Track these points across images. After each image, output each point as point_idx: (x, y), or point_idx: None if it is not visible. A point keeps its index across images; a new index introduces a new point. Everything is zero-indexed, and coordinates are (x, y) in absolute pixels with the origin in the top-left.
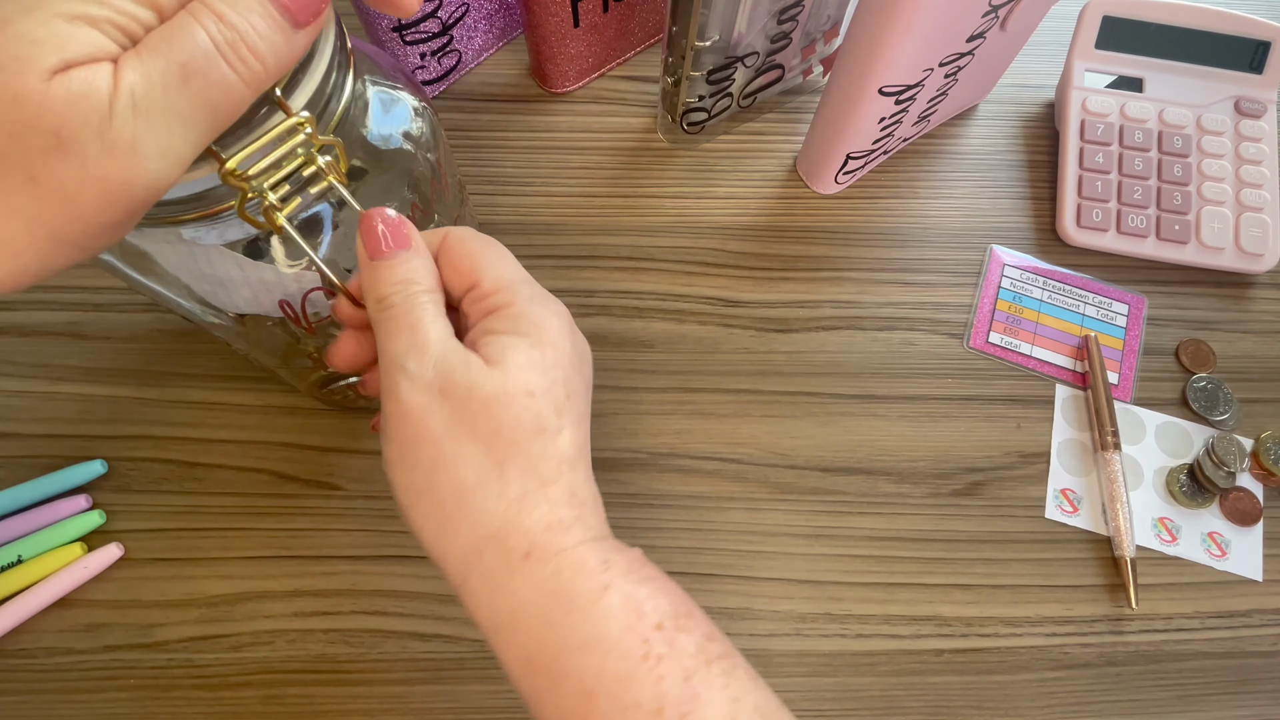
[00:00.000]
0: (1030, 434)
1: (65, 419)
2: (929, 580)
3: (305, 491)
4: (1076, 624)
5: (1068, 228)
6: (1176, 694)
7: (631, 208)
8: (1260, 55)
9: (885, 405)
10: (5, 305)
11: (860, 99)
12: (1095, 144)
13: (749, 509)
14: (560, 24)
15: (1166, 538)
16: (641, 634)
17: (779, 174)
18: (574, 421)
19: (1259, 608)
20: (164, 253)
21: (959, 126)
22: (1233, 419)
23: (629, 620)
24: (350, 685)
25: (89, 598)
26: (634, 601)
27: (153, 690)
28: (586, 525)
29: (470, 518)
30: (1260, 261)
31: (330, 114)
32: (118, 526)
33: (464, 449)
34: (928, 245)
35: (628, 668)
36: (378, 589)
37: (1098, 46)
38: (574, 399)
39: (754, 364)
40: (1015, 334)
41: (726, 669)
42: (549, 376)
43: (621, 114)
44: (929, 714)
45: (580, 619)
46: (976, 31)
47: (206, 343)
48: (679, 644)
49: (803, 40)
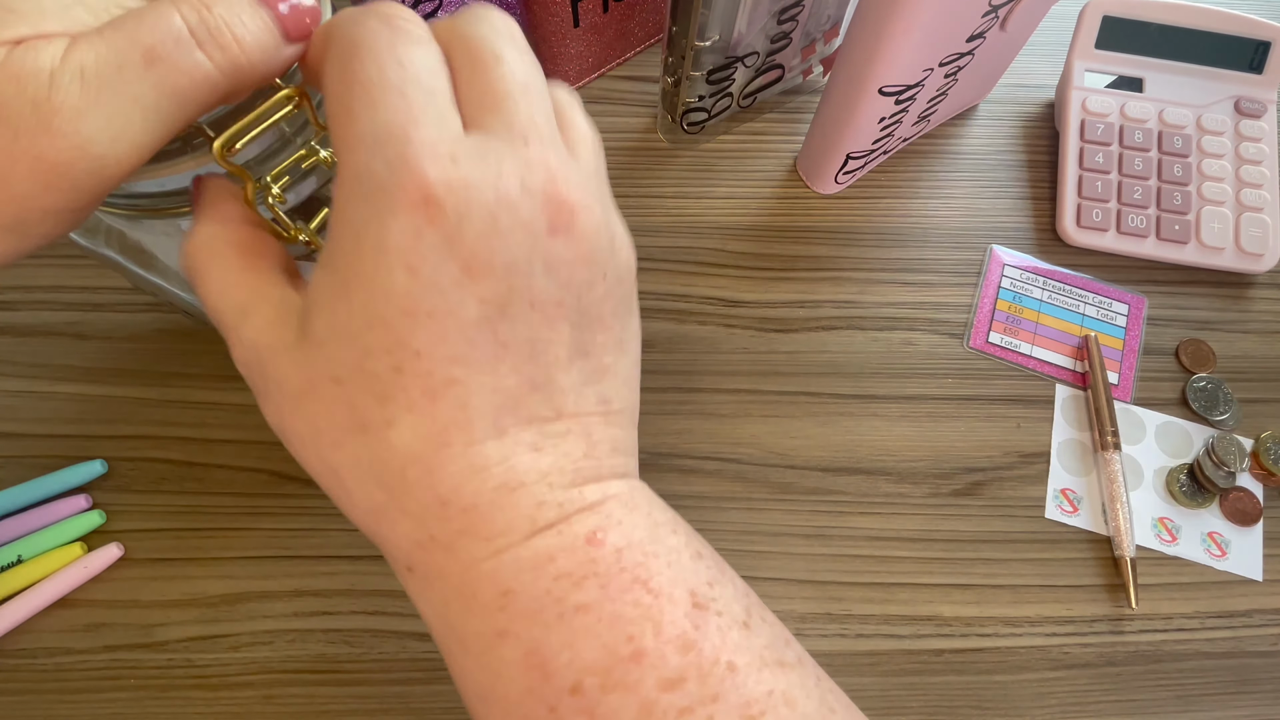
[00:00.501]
0: (1030, 434)
1: (65, 419)
2: (929, 580)
3: (305, 491)
4: (1076, 624)
5: (1068, 228)
6: (1176, 694)
7: (631, 208)
8: (1260, 55)
9: (885, 405)
10: (5, 305)
11: (860, 99)
12: (1095, 144)
13: (749, 509)
14: (560, 24)
15: (1166, 538)
16: (547, 700)
17: (779, 174)
18: (418, 400)
19: (1259, 608)
20: (164, 246)
21: (959, 126)
22: (1233, 419)
23: (529, 681)
24: (350, 685)
25: (89, 598)
26: (539, 654)
27: (153, 690)
28: (485, 536)
29: (349, 518)
30: (1260, 261)
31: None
32: (118, 526)
33: (300, 452)
34: (928, 245)
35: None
36: (378, 589)
37: (1098, 46)
38: (416, 362)
39: (754, 364)
40: (1015, 334)
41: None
42: (360, 345)
43: (621, 114)
44: (929, 714)
45: (474, 666)
46: (976, 31)
47: (206, 343)
48: (605, 710)
49: (803, 40)
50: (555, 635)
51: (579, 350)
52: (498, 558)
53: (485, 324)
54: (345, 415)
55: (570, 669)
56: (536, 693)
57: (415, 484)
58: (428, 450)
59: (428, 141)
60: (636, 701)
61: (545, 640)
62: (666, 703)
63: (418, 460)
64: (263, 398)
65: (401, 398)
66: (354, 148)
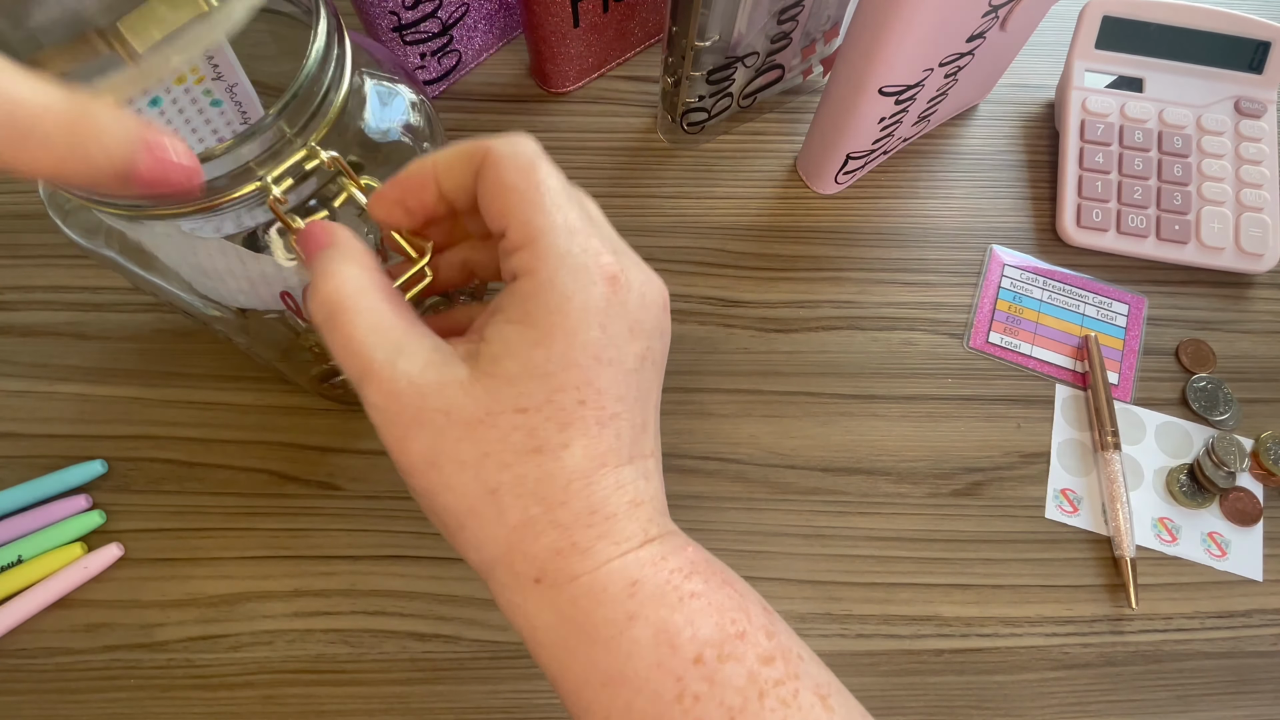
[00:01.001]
0: (1030, 434)
1: (65, 419)
2: (929, 580)
3: (305, 491)
4: (1076, 624)
5: (1068, 228)
6: (1176, 694)
7: (631, 208)
8: (1260, 55)
9: (885, 405)
10: (5, 305)
11: (860, 99)
12: (1095, 144)
13: (749, 509)
14: (560, 24)
15: (1166, 538)
16: (675, 670)
17: (779, 174)
18: (591, 428)
19: (1259, 608)
20: (164, 246)
21: (959, 126)
22: (1233, 419)
23: (659, 655)
24: (350, 685)
25: (89, 598)
26: (666, 632)
27: (153, 690)
28: (616, 540)
29: (473, 541)
30: (1260, 261)
31: (328, 107)
32: (118, 526)
33: (450, 478)
34: (928, 245)
35: (657, 710)
36: (378, 589)
37: (1098, 46)
38: (598, 398)
39: (754, 364)
40: (1015, 334)
41: (784, 697)
42: (553, 383)
43: (621, 114)
44: (929, 714)
45: (602, 653)
46: (976, 31)
47: (207, 343)
48: (722, 677)
49: (803, 40)
50: (678, 614)
51: (659, 402)
52: (624, 558)
53: (635, 373)
54: (523, 439)
55: (693, 642)
56: (665, 665)
57: (574, 495)
58: (590, 468)
59: (605, 237)
60: (745, 671)
61: (670, 619)
62: (765, 675)
63: (582, 476)
64: (414, 428)
65: (579, 425)
66: (553, 235)
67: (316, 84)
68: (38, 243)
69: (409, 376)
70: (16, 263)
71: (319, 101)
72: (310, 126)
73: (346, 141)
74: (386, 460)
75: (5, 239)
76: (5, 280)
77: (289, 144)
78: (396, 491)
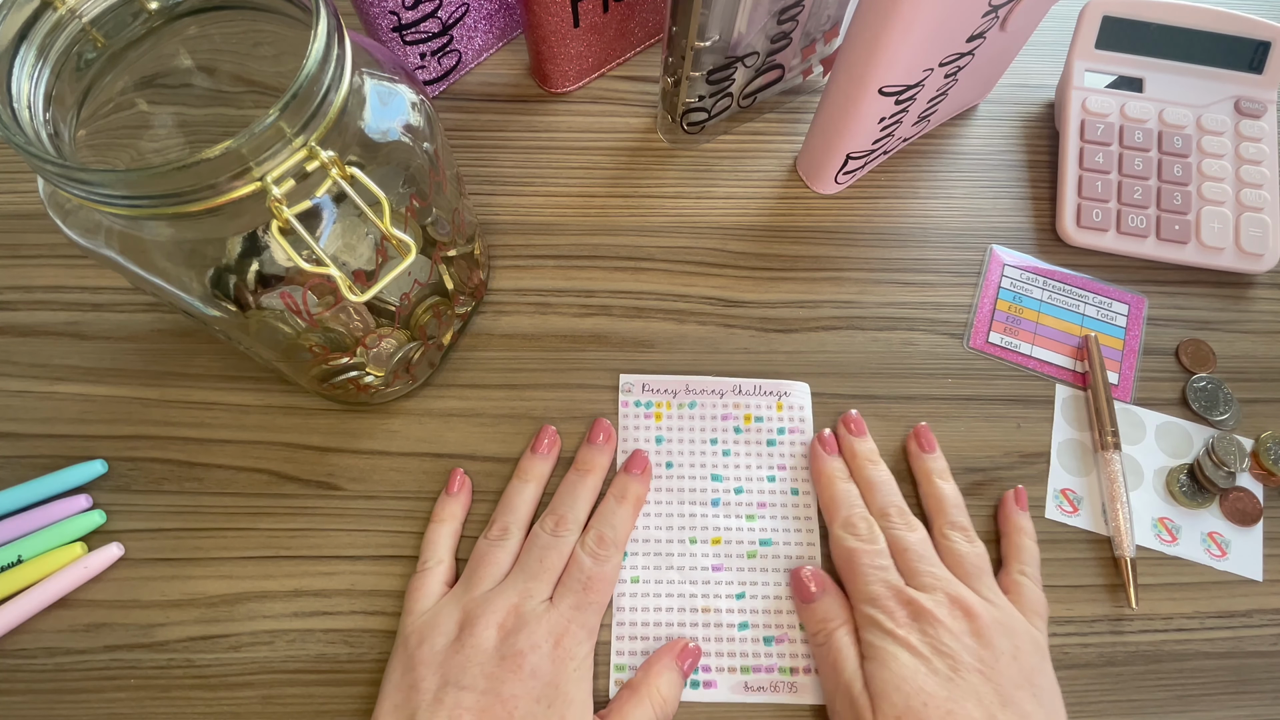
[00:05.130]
0: (1030, 434)
1: (65, 419)
2: None
3: (305, 491)
4: (1076, 624)
5: (1068, 228)
6: (1176, 694)
7: (631, 208)
8: (1260, 55)
9: (885, 405)
10: (5, 305)
11: (860, 99)
12: (1095, 144)
13: None
14: (560, 24)
15: (1166, 538)
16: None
17: (779, 174)
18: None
19: (1259, 608)
20: (164, 246)
21: (959, 126)
22: (1233, 419)
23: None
24: (350, 685)
25: (89, 598)
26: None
27: (153, 690)
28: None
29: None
30: (1260, 261)
31: (328, 107)
32: (118, 526)
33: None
34: (928, 245)
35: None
36: (378, 589)
37: (1098, 46)
38: (954, 714)
39: (754, 364)
40: (1015, 334)
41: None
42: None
43: (621, 114)
44: None
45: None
46: (976, 31)
47: (206, 343)
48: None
49: (803, 40)
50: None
51: None
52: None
53: (952, 700)
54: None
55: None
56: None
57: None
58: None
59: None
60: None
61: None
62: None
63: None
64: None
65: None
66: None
67: (316, 84)
68: (38, 243)
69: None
70: (16, 263)
71: (319, 101)
72: (310, 126)
73: (346, 141)
74: (386, 460)
75: (5, 239)
76: (5, 280)
77: (289, 144)
78: (396, 491)
